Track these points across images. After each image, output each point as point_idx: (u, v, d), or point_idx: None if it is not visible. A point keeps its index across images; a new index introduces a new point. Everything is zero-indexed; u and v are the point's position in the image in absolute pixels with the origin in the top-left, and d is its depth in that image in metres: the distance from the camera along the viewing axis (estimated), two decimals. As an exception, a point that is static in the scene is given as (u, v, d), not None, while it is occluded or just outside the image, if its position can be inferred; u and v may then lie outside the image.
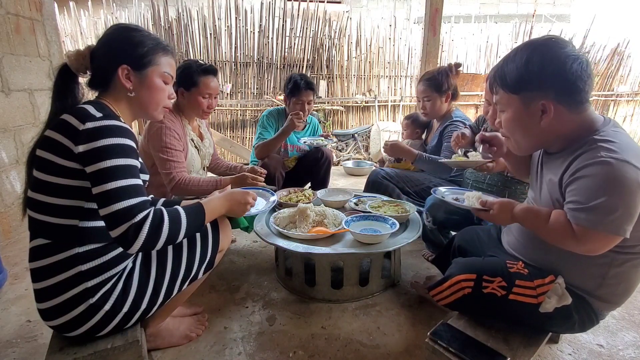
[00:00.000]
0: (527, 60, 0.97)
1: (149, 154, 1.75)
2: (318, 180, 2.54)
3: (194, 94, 1.79)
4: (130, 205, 0.88)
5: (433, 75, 2.12)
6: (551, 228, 0.98)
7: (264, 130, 2.43)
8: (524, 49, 1.00)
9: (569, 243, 0.95)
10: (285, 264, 1.76)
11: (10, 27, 2.29)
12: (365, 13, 8.71)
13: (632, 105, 6.09)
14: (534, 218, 1.03)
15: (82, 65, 1.03)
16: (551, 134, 1.01)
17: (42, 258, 0.96)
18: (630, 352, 1.32)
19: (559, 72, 0.94)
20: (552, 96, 0.96)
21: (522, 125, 1.04)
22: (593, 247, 0.93)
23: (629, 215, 0.87)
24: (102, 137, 0.90)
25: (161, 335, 1.30)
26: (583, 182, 0.91)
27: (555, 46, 0.96)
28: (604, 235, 0.90)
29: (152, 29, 4.66)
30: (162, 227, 0.92)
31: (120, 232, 0.87)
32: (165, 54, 1.11)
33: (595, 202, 0.88)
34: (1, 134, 2.25)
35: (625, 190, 0.86)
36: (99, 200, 0.89)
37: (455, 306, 1.17)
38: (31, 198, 0.96)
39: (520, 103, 1.01)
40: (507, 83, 1.02)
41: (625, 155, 0.87)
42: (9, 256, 2.07)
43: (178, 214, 0.98)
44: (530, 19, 5.69)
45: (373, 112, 5.51)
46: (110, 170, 0.89)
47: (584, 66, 0.94)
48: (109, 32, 1.07)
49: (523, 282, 1.06)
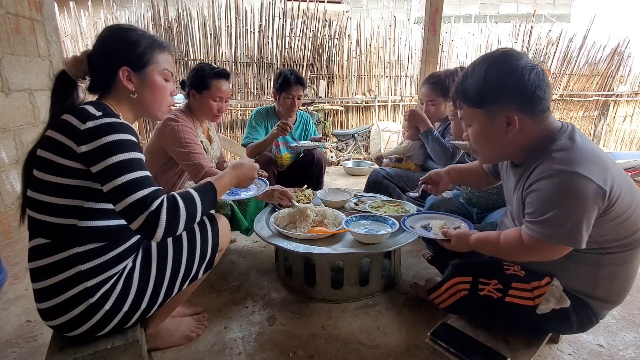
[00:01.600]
0: (485, 74, 0.99)
1: (159, 152, 1.77)
2: (311, 184, 2.52)
3: (205, 97, 1.80)
4: (143, 195, 0.89)
5: (440, 79, 2.07)
6: (503, 247, 1.03)
7: (252, 129, 2.45)
8: (480, 63, 1.02)
9: (522, 255, 1.01)
10: (285, 264, 1.76)
11: (10, 27, 2.29)
12: (365, 13, 8.71)
13: (632, 105, 6.10)
14: (486, 245, 1.09)
15: (81, 70, 1.03)
16: (517, 145, 1.03)
17: (41, 258, 0.95)
18: (630, 352, 1.32)
19: (518, 84, 0.95)
20: (515, 107, 0.97)
21: (488, 138, 1.05)
22: (546, 255, 0.97)
23: (580, 226, 0.89)
24: (104, 135, 0.90)
25: (161, 335, 1.30)
26: (536, 195, 0.94)
27: (511, 59, 0.98)
28: (557, 245, 0.93)
29: (152, 29, 4.66)
30: (180, 210, 0.93)
31: (139, 222, 0.88)
32: (162, 51, 1.10)
33: (547, 216, 0.91)
34: (1, 134, 2.25)
35: (574, 202, 0.87)
36: (113, 197, 0.89)
37: (454, 309, 1.17)
38: (31, 198, 0.96)
39: (484, 117, 1.02)
40: (469, 98, 1.03)
41: (576, 166, 0.88)
42: (9, 256, 2.07)
43: (191, 195, 0.99)
44: (530, 19, 5.69)
45: (373, 112, 5.51)
46: (117, 166, 0.89)
47: (540, 75, 0.96)
48: (103, 35, 1.05)
49: (519, 284, 1.06)
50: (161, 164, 1.80)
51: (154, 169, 1.80)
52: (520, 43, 5.61)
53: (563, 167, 0.89)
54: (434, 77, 2.11)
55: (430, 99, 2.11)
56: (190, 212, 0.96)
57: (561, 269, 1.03)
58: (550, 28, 5.73)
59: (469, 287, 1.10)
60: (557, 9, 9.29)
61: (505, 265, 1.11)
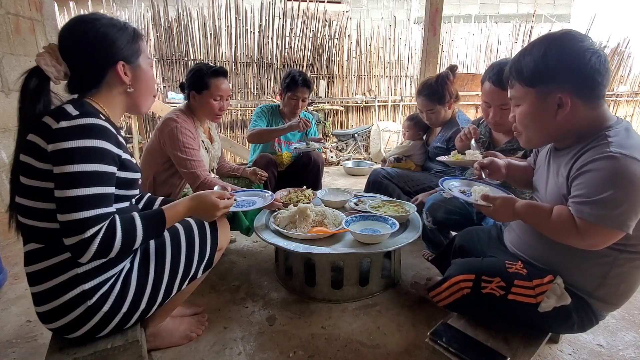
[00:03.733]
0: (544, 53, 0.96)
1: (159, 152, 1.77)
2: (309, 185, 2.52)
3: (205, 97, 1.80)
4: (83, 218, 0.86)
5: (432, 87, 2.06)
6: (553, 223, 0.98)
7: (258, 118, 2.47)
8: (541, 42, 0.98)
9: (571, 238, 0.95)
10: (285, 264, 1.76)
11: (10, 27, 2.29)
12: (365, 13, 8.71)
13: (632, 105, 6.09)
14: (536, 213, 1.03)
15: (61, 72, 0.96)
16: (564, 129, 1.00)
17: (36, 262, 0.95)
18: (630, 352, 1.32)
19: (577, 65, 0.93)
20: (569, 89, 0.94)
21: (536, 119, 1.02)
22: (595, 242, 0.93)
23: (633, 211, 0.87)
24: (73, 138, 0.86)
25: (161, 335, 1.29)
26: (589, 175, 0.91)
27: (574, 39, 0.95)
28: (606, 230, 0.89)
29: (152, 29, 4.67)
30: (114, 241, 0.90)
31: (69, 243, 0.86)
32: (141, 38, 1.07)
33: (600, 196, 0.88)
34: (1, 134, 2.25)
35: (631, 186, 0.86)
36: (58, 204, 0.87)
37: (455, 307, 1.16)
38: (19, 204, 0.94)
39: (536, 96, 1.00)
40: (523, 76, 1.01)
41: (635, 152, 0.87)
42: (9, 256, 2.07)
43: (134, 223, 0.95)
44: (530, 19, 5.69)
45: (373, 112, 5.51)
46: (74, 176, 0.86)
47: (602, 60, 0.93)
48: (82, 31, 0.96)
49: (522, 282, 1.06)
50: (161, 163, 1.80)
51: (154, 168, 1.81)
52: (520, 43, 5.61)
53: (622, 151, 0.87)
54: (426, 88, 2.09)
55: (428, 109, 2.11)
56: (127, 241, 0.93)
57: (573, 262, 1.02)
58: (550, 28, 5.72)
59: (472, 285, 1.09)
60: (557, 9, 9.29)
61: (508, 264, 1.11)
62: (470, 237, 1.45)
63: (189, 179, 1.74)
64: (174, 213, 1.07)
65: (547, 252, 1.08)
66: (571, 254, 0.99)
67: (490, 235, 1.39)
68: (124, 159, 0.99)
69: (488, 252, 1.30)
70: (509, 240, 1.24)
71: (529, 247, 1.14)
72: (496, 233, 1.38)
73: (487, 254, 1.27)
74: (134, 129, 4.29)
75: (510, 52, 5.64)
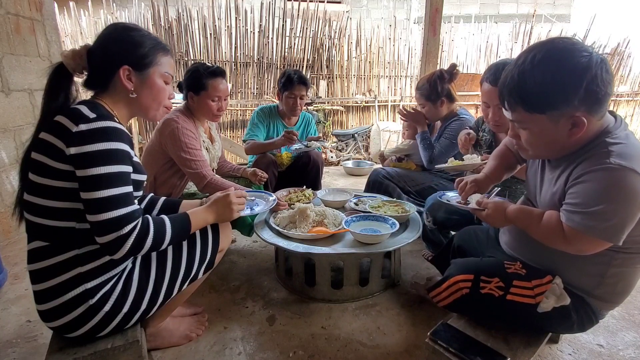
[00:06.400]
0: (552, 77, 0.88)
1: (160, 153, 1.77)
2: (309, 185, 2.52)
3: (203, 98, 1.79)
4: (119, 216, 0.90)
5: (423, 84, 2.13)
6: (542, 228, 0.99)
7: (254, 126, 2.47)
8: (542, 61, 0.89)
9: (558, 243, 0.96)
10: (285, 264, 1.76)
11: (10, 27, 2.29)
12: (365, 13, 8.71)
13: (632, 105, 6.09)
14: (527, 218, 1.04)
15: (79, 65, 1.02)
16: (576, 144, 0.96)
17: (40, 260, 0.95)
18: (630, 352, 1.32)
19: (591, 86, 0.87)
20: (584, 109, 0.89)
21: (548, 140, 0.97)
22: (582, 249, 0.94)
23: (624, 224, 0.87)
24: (94, 141, 0.89)
25: (161, 335, 1.30)
26: (585, 186, 0.90)
27: (577, 55, 0.87)
28: (593, 239, 0.90)
29: (152, 29, 4.66)
30: (147, 238, 0.95)
31: (105, 240, 0.89)
32: (165, 53, 1.11)
33: (593, 208, 0.88)
34: (1, 134, 2.25)
35: (625, 200, 0.85)
36: (87, 206, 0.90)
37: (454, 307, 1.16)
38: (27, 201, 0.95)
39: (547, 122, 0.93)
40: (529, 103, 0.93)
41: (633, 163, 0.85)
42: (9, 256, 2.07)
43: (164, 225, 1.00)
44: (530, 19, 5.69)
45: (373, 112, 5.51)
46: (100, 178, 0.88)
47: (607, 68, 0.88)
48: (107, 32, 1.04)
49: (520, 282, 1.06)
50: (162, 164, 1.80)
51: (155, 169, 1.80)
52: (520, 43, 5.61)
53: (621, 162, 0.85)
54: (419, 83, 2.19)
55: (420, 104, 2.20)
56: (157, 240, 0.97)
57: (570, 263, 1.02)
58: (550, 28, 5.73)
59: (471, 285, 1.10)
60: (557, 9, 9.28)
61: (507, 264, 1.11)
62: (468, 237, 1.45)
63: (195, 180, 1.74)
64: (197, 220, 1.12)
65: (543, 253, 1.08)
66: (567, 255, 0.99)
67: (489, 235, 1.40)
68: (135, 161, 1.01)
69: (487, 252, 1.30)
70: (505, 242, 1.25)
71: (525, 248, 1.15)
72: (494, 233, 1.38)
73: (486, 254, 1.27)
74: (134, 129, 4.29)
75: (510, 52, 5.63)
